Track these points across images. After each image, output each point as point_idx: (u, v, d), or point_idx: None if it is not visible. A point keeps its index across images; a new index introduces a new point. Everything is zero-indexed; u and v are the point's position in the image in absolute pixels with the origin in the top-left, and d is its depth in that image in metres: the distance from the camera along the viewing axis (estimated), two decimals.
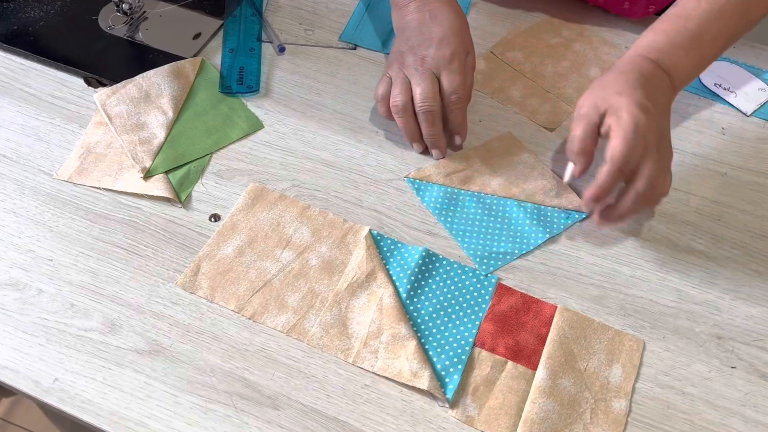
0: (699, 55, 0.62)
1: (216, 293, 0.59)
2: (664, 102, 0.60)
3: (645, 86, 0.59)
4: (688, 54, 0.61)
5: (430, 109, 0.65)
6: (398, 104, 0.66)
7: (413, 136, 0.67)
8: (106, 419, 0.52)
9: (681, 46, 0.61)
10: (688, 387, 0.55)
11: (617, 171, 0.56)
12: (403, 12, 0.70)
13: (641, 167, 0.57)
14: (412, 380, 0.54)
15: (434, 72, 0.65)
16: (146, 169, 0.66)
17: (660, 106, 0.59)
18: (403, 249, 0.62)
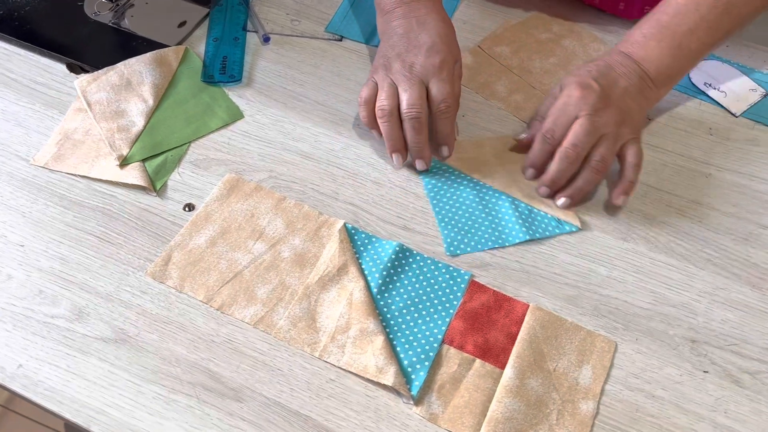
0: (675, 45, 0.63)
1: (185, 283, 0.58)
2: (627, 86, 0.63)
3: (602, 70, 0.64)
4: (659, 44, 0.63)
5: (417, 115, 0.63)
6: (385, 108, 0.64)
7: (396, 144, 0.65)
8: (67, 407, 0.52)
9: (652, 37, 0.64)
10: (659, 390, 0.54)
11: (541, 137, 0.63)
12: (388, 17, 0.69)
13: (569, 134, 0.61)
14: (378, 376, 0.53)
15: (422, 80, 0.64)
16: (123, 156, 0.65)
17: (618, 88, 0.63)
18: (377, 243, 0.61)
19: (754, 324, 0.57)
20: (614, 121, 0.62)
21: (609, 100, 0.62)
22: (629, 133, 0.63)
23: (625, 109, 0.63)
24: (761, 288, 0.59)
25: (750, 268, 0.61)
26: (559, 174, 0.62)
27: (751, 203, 0.65)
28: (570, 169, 0.62)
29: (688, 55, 0.64)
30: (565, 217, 0.63)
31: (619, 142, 0.62)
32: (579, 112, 0.61)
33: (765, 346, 0.56)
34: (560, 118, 0.62)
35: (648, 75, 0.64)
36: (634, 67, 0.64)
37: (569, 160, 0.61)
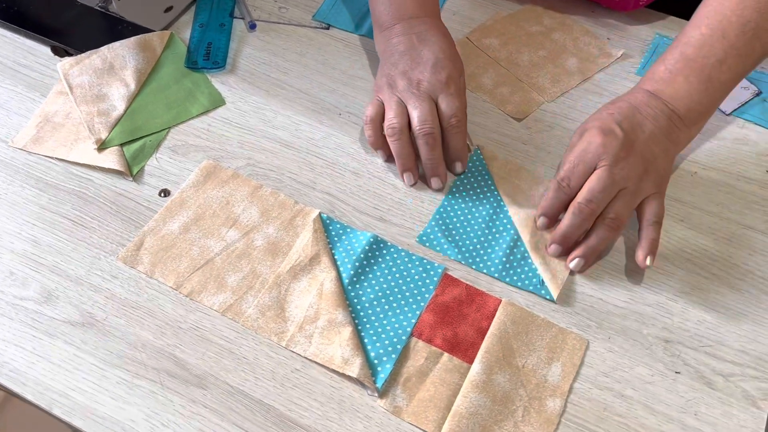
0: (704, 79, 0.59)
1: (156, 269, 0.58)
2: (653, 129, 0.58)
3: (626, 113, 0.59)
4: (688, 79, 0.59)
5: (431, 131, 0.61)
6: (395, 126, 0.62)
7: (407, 163, 0.63)
8: (30, 389, 0.52)
9: (679, 72, 0.59)
10: (628, 390, 0.53)
11: (556, 184, 0.58)
12: (387, 34, 0.67)
13: (585, 187, 0.57)
14: (343, 367, 0.53)
15: (431, 96, 0.63)
16: (101, 140, 0.65)
17: (644, 134, 0.58)
18: (351, 234, 0.61)
19: (731, 326, 0.56)
20: (636, 174, 0.56)
21: (632, 148, 0.57)
22: (651, 188, 0.58)
23: (649, 158, 0.57)
24: (740, 289, 0.58)
25: (730, 268, 0.59)
26: (570, 229, 0.57)
27: (736, 203, 0.64)
28: (583, 225, 0.57)
29: (719, 88, 0.59)
30: (550, 282, 0.58)
31: (639, 197, 0.57)
32: (598, 161, 0.57)
33: (741, 349, 0.55)
34: (578, 166, 0.57)
35: (677, 114, 0.59)
36: (661, 107, 0.59)
37: (582, 215, 0.56)
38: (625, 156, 0.56)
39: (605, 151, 0.56)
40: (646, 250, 0.57)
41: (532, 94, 0.72)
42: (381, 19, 0.68)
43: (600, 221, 0.57)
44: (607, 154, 0.56)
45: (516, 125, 0.69)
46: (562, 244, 0.58)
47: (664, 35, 0.77)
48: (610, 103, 0.62)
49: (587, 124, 0.60)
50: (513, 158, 0.66)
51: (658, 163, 0.58)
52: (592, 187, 0.56)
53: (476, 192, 0.64)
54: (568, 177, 0.58)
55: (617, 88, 0.72)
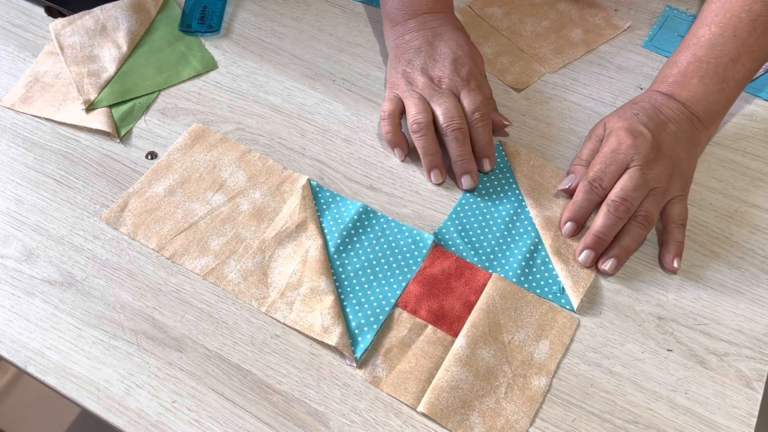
0: (719, 79, 0.58)
1: (139, 231, 0.57)
2: (677, 131, 0.58)
3: (650, 114, 0.58)
4: (703, 81, 0.58)
5: (460, 126, 0.59)
6: (421, 122, 0.59)
7: (435, 160, 0.60)
8: (6, 346, 0.51)
9: (693, 75, 0.58)
10: (617, 366, 0.51)
11: (587, 185, 0.56)
12: (400, 30, 0.65)
13: (618, 186, 0.55)
14: (322, 335, 0.51)
15: (454, 92, 0.61)
16: (90, 101, 0.64)
17: (669, 135, 0.57)
18: (341, 202, 0.59)
19: (728, 304, 0.54)
20: (666, 175, 0.56)
21: (660, 150, 0.56)
22: (678, 189, 0.57)
23: (676, 160, 0.57)
24: (740, 267, 0.56)
25: (730, 246, 0.57)
26: (606, 230, 0.55)
27: (740, 180, 0.61)
28: (617, 225, 0.55)
29: (734, 86, 0.58)
30: (571, 290, 0.54)
31: (668, 198, 0.56)
32: (630, 162, 0.56)
33: (737, 328, 0.53)
34: (610, 166, 0.56)
35: (697, 116, 0.58)
36: (681, 109, 0.58)
37: (618, 213, 0.54)
38: (654, 158, 0.56)
39: (636, 152, 0.56)
40: (673, 253, 0.55)
41: (534, 64, 0.70)
42: (393, 14, 0.66)
43: (632, 220, 0.55)
44: (638, 155, 0.55)
45: (515, 96, 0.67)
46: (596, 248, 0.55)
47: (675, 7, 0.74)
48: (632, 103, 0.60)
49: (611, 123, 0.59)
50: (533, 151, 0.64)
51: (683, 165, 0.57)
52: (626, 185, 0.55)
53: (496, 190, 0.60)
54: (600, 178, 0.56)
55: (622, 60, 0.70)
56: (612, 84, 0.68)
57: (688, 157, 0.58)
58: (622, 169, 0.56)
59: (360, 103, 0.66)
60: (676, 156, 0.57)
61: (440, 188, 0.61)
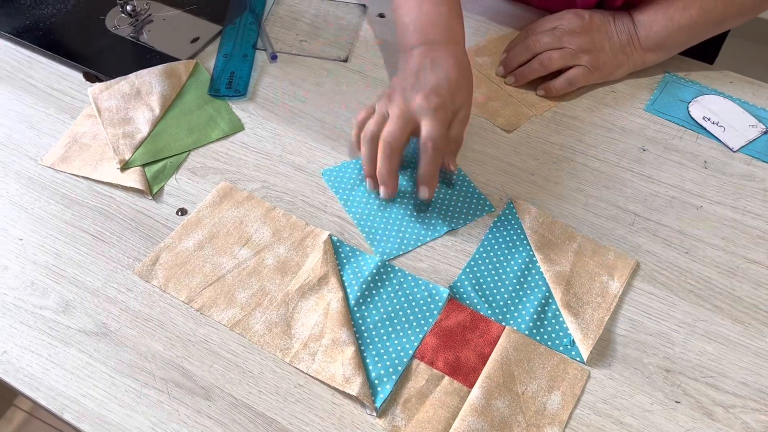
0: (668, 17, 0.73)
1: (170, 283, 0.60)
2: (612, 34, 0.75)
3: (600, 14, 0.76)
4: (656, 12, 0.74)
5: (391, 140, 0.62)
6: (367, 133, 0.64)
7: (369, 169, 0.65)
8: (43, 393, 0.54)
9: (652, 5, 0.74)
10: (627, 417, 0.53)
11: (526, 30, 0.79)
12: (407, 56, 0.69)
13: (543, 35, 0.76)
14: (344, 385, 0.54)
15: (415, 117, 0.63)
16: (124, 161, 0.68)
17: (603, 32, 0.75)
18: (360, 257, 0.63)
19: (733, 358, 0.56)
20: (580, 44, 0.74)
21: (587, 32, 0.74)
22: (587, 61, 0.74)
23: (597, 45, 0.74)
24: (743, 322, 0.58)
25: (733, 301, 0.60)
26: (514, 54, 0.77)
27: (741, 237, 0.64)
28: (522, 54, 0.76)
29: (678, 28, 0.73)
30: (581, 342, 0.57)
31: (574, 61, 0.74)
32: (559, 25, 0.75)
33: (742, 381, 0.55)
34: (545, 24, 0.77)
35: (638, 35, 0.74)
36: (629, 25, 0.75)
37: (528, 47, 0.76)
38: (579, 32, 0.75)
39: (567, 22, 0.75)
40: (542, 86, 0.76)
41: (522, 108, 0.75)
42: (405, 41, 0.71)
43: (536, 57, 0.75)
44: (567, 24, 0.75)
45: (525, 156, 0.71)
46: (504, 64, 0.78)
47: (674, 73, 0.78)
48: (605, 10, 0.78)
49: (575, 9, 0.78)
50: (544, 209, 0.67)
51: (602, 54, 0.75)
52: (542, 36, 0.75)
53: (508, 246, 0.63)
54: (534, 27, 0.78)
55: (625, 123, 0.74)
56: (616, 145, 0.72)
57: (612, 53, 0.75)
58: (552, 27, 0.76)
59: None
60: (599, 43, 0.74)
61: (455, 244, 0.64)
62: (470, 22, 0.84)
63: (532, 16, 0.85)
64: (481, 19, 0.85)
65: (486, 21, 0.85)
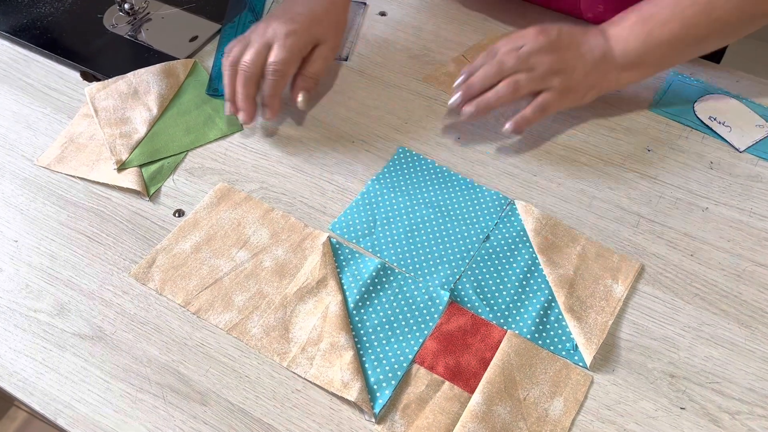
0: (645, 32, 0.65)
1: (166, 286, 0.59)
2: (585, 52, 0.67)
3: (572, 30, 0.67)
4: (632, 28, 0.66)
5: (246, 69, 0.67)
6: (229, 59, 0.68)
7: (229, 94, 0.69)
8: (37, 398, 0.53)
9: (628, 20, 0.67)
10: (631, 424, 0.52)
11: (488, 51, 0.68)
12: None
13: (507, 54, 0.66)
14: (342, 390, 0.53)
15: (269, 43, 0.67)
16: (121, 161, 0.67)
17: (575, 50, 0.67)
18: (359, 260, 0.62)
19: (739, 363, 0.55)
20: (548, 67, 0.65)
21: (556, 51, 0.66)
22: (557, 84, 0.66)
23: (569, 65, 0.66)
24: (750, 326, 0.57)
25: (739, 305, 0.59)
26: (476, 80, 0.66)
27: (747, 240, 0.63)
28: (486, 80, 0.66)
29: (657, 44, 0.65)
30: (584, 347, 0.56)
31: (542, 84, 0.66)
32: (524, 44, 0.66)
33: (748, 386, 0.54)
34: (508, 44, 0.67)
35: (612, 53, 0.66)
36: (602, 42, 0.67)
37: (492, 70, 0.66)
38: (547, 51, 0.66)
39: (534, 40, 0.66)
40: (513, 119, 0.67)
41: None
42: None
43: (502, 81, 0.66)
44: (533, 42, 0.66)
45: (527, 157, 0.70)
46: (463, 92, 0.67)
47: (679, 72, 0.77)
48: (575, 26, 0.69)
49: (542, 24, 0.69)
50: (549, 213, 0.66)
51: (574, 74, 0.66)
52: (511, 56, 0.66)
53: (510, 248, 0.62)
54: (498, 47, 0.67)
55: (630, 123, 0.73)
56: (620, 146, 0.71)
57: (584, 74, 0.66)
58: (518, 48, 0.66)
59: (378, 164, 0.69)
60: (570, 63, 0.66)
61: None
62: (470, 20, 0.83)
63: (532, 14, 0.84)
64: (480, 18, 0.84)
65: (486, 19, 0.84)
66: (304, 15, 0.69)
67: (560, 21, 0.82)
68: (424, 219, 0.64)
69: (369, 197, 0.66)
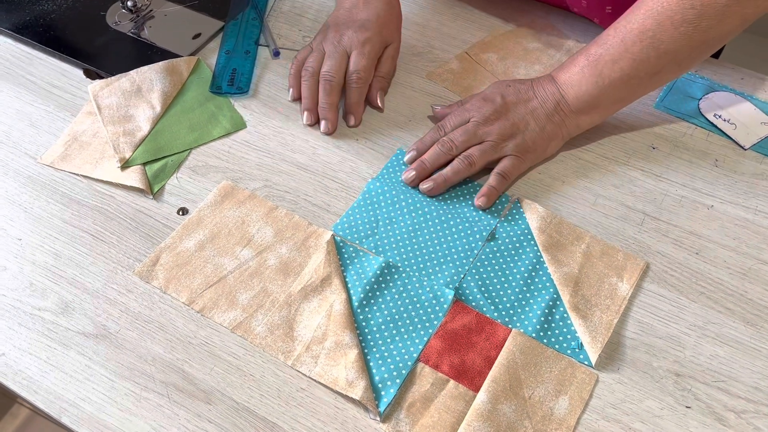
0: (596, 73, 0.64)
1: (170, 284, 0.59)
2: (537, 107, 0.66)
3: (519, 88, 0.68)
4: (582, 71, 0.65)
5: (331, 78, 0.69)
6: (308, 70, 0.71)
7: (309, 103, 0.71)
8: (41, 397, 0.53)
9: (577, 64, 0.66)
10: (636, 423, 0.52)
11: (435, 128, 0.68)
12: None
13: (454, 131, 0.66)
14: (346, 389, 0.53)
15: (347, 51, 0.70)
16: (125, 159, 0.67)
17: (525, 107, 0.66)
18: (364, 258, 0.61)
19: (745, 361, 0.55)
20: (500, 134, 0.65)
21: (505, 115, 0.66)
22: (512, 149, 0.65)
23: (520, 127, 0.66)
24: (755, 325, 0.57)
25: (745, 303, 0.58)
26: (430, 158, 0.66)
27: (753, 238, 0.63)
28: (440, 157, 0.66)
29: (609, 84, 0.64)
30: (589, 346, 0.56)
31: (498, 153, 0.65)
32: (471, 117, 0.66)
33: (754, 385, 0.54)
34: (454, 118, 0.67)
35: (566, 99, 0.66)
36: (553, 90, 0.66)
37: (442, 148, 0.66)
38: (495, 119, 0.66)
39: (479, 111, 0.66)
40: (481, 193, 0.65)
41: None
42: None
43: (457, 158, 0.65)
44: (479, 113, 0.66)
45: None
46: (418, 171, 0.66)
47: None
48: (524, 79, 0.69)
49: (487, 88, 0.69)
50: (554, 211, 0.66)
51: (527, 133, 0.66)
52: (457, 132, 0.66)
53: (515, 246, 0.62)
54: (445, 124, 0.68)
55: (634, 121, 0.73)
56: (625, 143, 0.70)
57: (540, 131, 0.66)
58: (465, 121, 0.67)
59: (382, 161, 0.69)
60: (522, 124, 0.66)
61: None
62: (474, 17, 0.83)
63: (535, 11, 0.84)
64: (484, 15, 0.84)
65: (490, 17, 0.83)
66: (372, 21, 0.71)
67: (564, 19, 0.82)
68: (426, 218, 0.64)
69: (370, 198, 0.66)
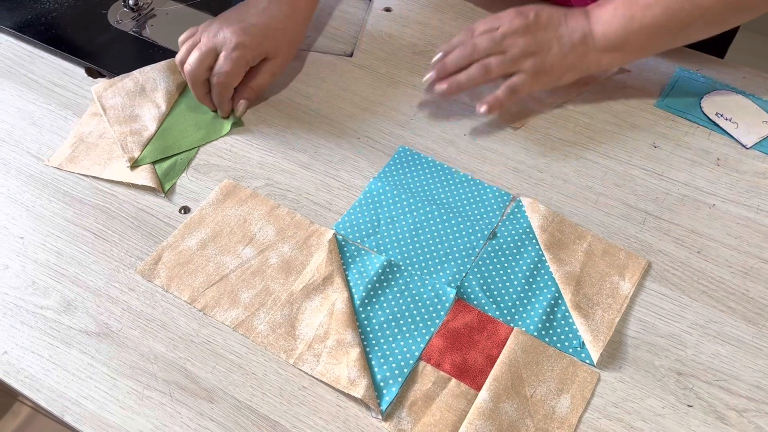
0: (628, 15, 0.65)
1: (172, 283, 0.59)
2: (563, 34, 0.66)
3: (552, 12, 0.67)
4: (615, 10, 0.66)
5: (191, 71, 0.68)
6: (179, 55, 0.70)
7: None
8: (44, 395, 0.53)
9: (612, 3, 0.66)
10: (638, 421, 0.52)
11: (464, 30, 0.68)
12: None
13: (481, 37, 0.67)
14: (348, 387, 0.53)
15: (217, 50, 0.68)
16: (134, 158, 0.67)
17: (553, 31, 0.66)
18: (365, 256, 0.61)
19: (746, 360, 0.55)
20: (522, 50, 0.66)
21: (532, 33, 0.66)
22: (529, 67, 0.66)
23: (544, 47, 0.66)
24: (757, 323, 0.57)
25: (747, 302, 0.58)
26: (451, 59, 0.67)
27: (755, 236, 0.63)
28: (460, 60, 0.66)
29: (638, 28, 0.65)
30: (591, 344, 0.55)
31: (514, 67, 0.66)
32: (500, 26, 0.67)
33: (755, 384, 0.54)
34: (484, 24, 0.68)
35: (593, 34, 0.66)
36: (584, 23, 0.66)
37: (466, 51, 0.66)
38: (522, 33, 0.66)
39: (509, 22, 0.67)
40: (486, 101, 0.66)
41: (529, 101, 0.74)
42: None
43: (474, 63, 0.66)
44: (508, 24, 0.67)
45: (534, 153, 0.70)
46: (437, 70, 0.67)
47: (686, 69, 0.77)
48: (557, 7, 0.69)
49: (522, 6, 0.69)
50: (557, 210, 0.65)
51: (549, 56, 0.66)
52: (484, 37, 0.67)
53: (517, 245, 0.62)
54: (473, 28, 0.68)
55: (636, 119, 0.73)
56: (626, 142, 0.70)
57: (561, 57, 0.66)
58: (493, 29, 0.67)
59: (383, 160, 0.69)
60: (546, 46, 0.66)
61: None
62: (475, 16, 0.83)
63: None
64: (485, 14, 0.83)
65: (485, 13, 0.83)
66: (257, 28, 0.68)
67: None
68: (427, 216, 0.64)
69: (371, 197, 0.66)
